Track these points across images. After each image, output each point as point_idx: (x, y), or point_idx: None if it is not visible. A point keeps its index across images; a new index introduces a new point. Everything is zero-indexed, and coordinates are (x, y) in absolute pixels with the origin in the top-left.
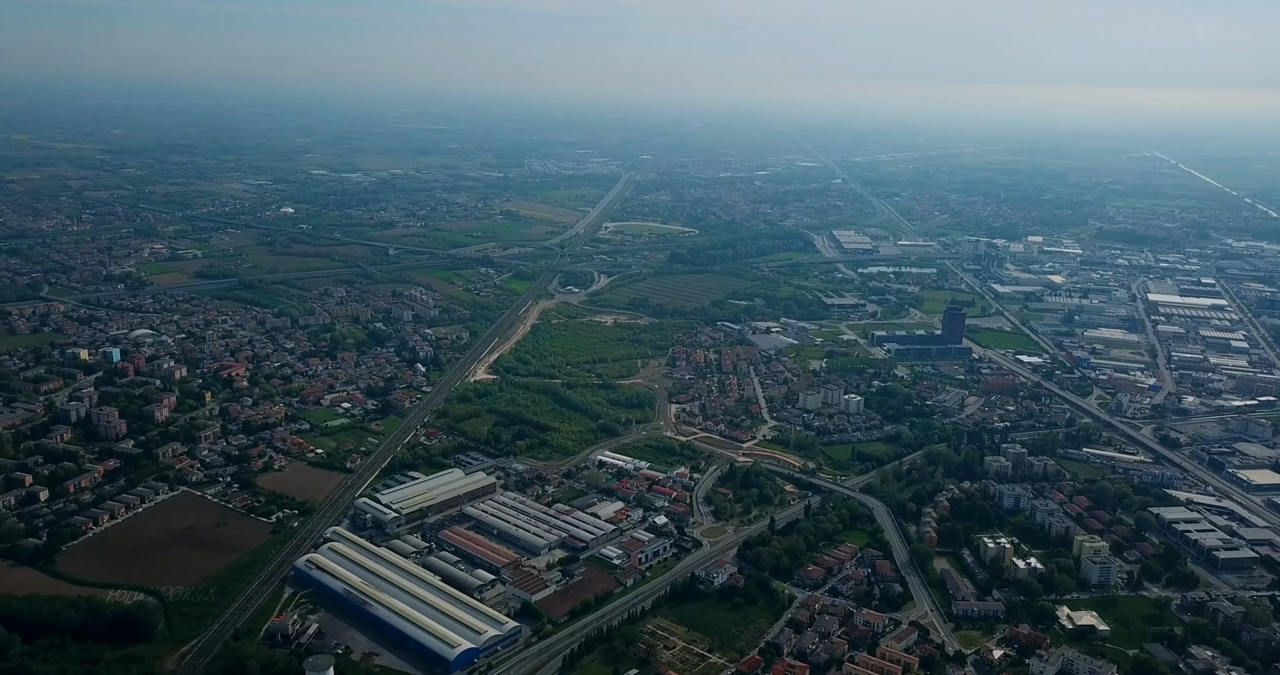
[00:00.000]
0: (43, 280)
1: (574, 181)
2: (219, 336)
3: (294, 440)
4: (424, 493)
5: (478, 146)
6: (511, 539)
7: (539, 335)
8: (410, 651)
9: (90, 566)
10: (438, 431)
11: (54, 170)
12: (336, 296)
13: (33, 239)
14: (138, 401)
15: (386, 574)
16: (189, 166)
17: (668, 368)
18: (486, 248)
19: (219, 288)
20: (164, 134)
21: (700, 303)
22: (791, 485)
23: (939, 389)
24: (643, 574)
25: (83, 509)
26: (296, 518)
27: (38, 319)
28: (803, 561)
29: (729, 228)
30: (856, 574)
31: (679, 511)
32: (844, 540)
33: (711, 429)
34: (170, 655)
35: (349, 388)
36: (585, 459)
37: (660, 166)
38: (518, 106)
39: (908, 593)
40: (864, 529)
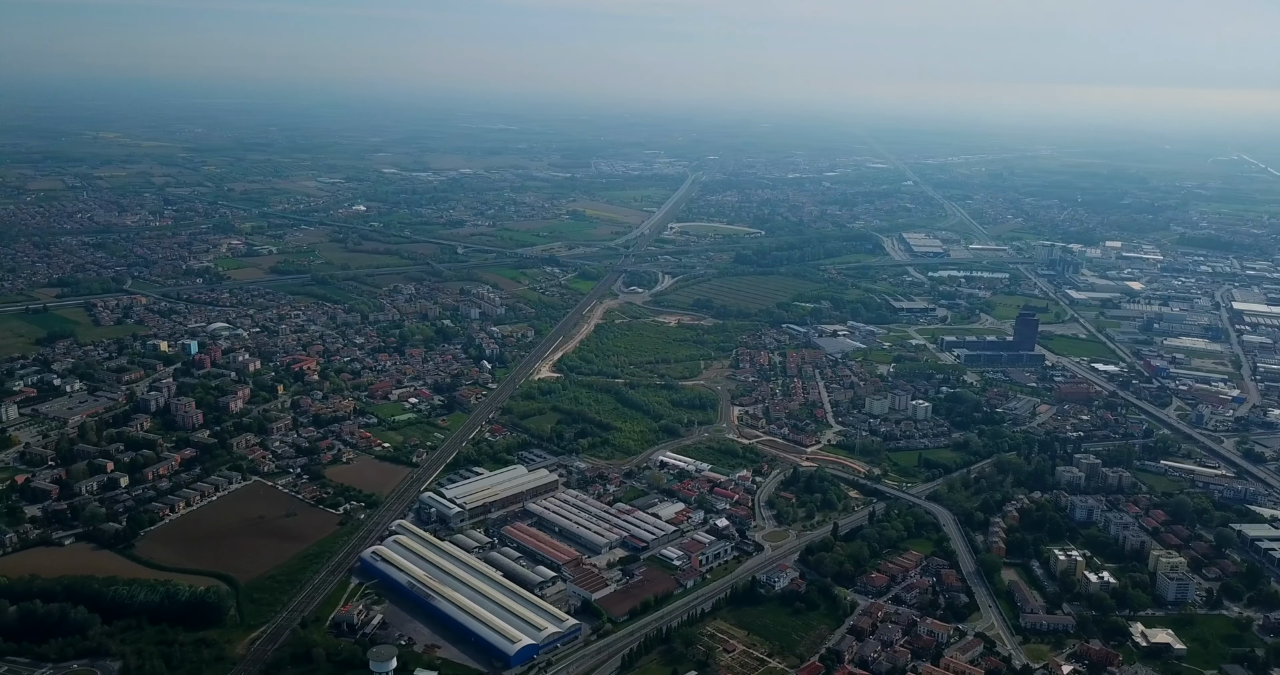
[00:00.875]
0: (126, 274)
1: (640, 182)
2: (292, 331)
3: (362, 434)
4: (487, 488)
5: (546, 147)
6: (573, 537)
7: (602, 335)
8: (471, 645)
9: (166, 552)
10: (502, 428)
11: (139, 167)
12: (406, 293)
13: (118, 234)
14: (213, 393)
15: (449, 568)
16: (266, 164)
17: (731, 370)
18: (553, 247)
19: (293, 283)
20: (243, 133)
21: (765, 304)
22: (856, 491)
23: (1010, 396)
24: (703, 576)
25: (160, 496)
26: (363, 510)
27: (121, 311)
28: (866, 568)
29: (796, 229)
30: (921, 582)
31: (740, 514)
32: (908, 548)
33: (775, 432)
34: (241, 640)
35: (416, 383)
36: (646, 459)
37: (727, 167)
38: (586, 107)
39: (974, 603)
40: (929, 537)
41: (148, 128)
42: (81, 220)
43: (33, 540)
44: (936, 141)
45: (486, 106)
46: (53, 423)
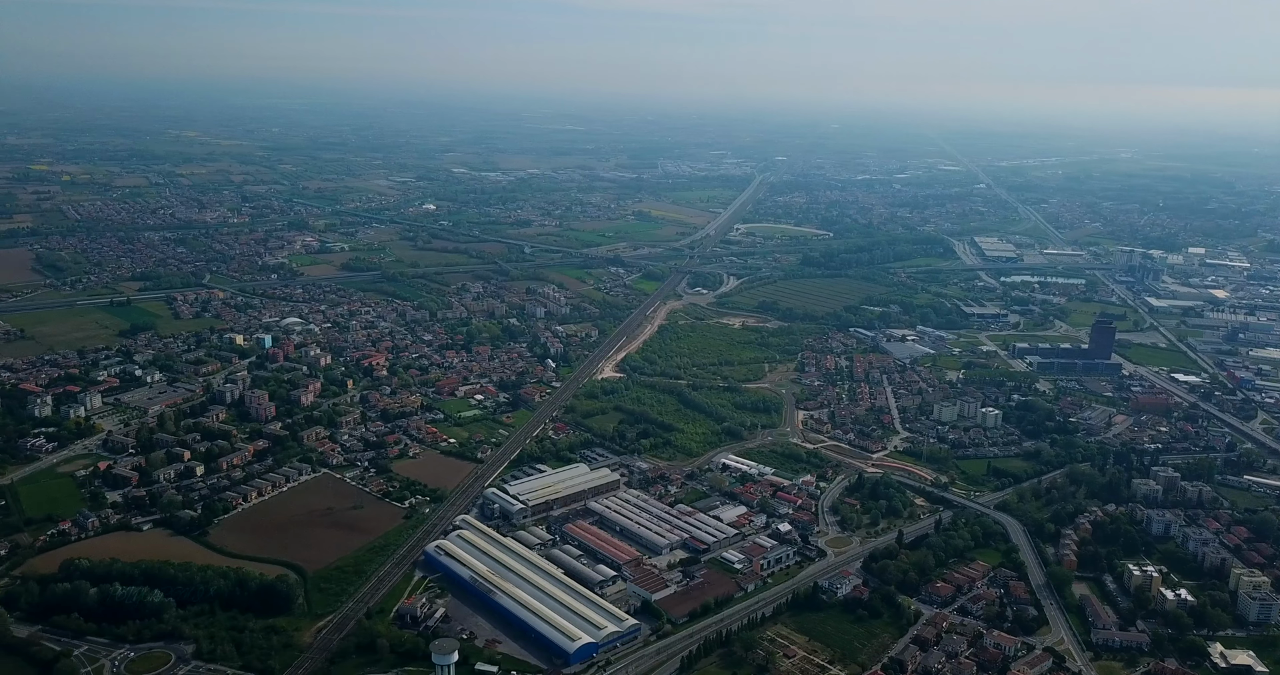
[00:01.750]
0: (205, 269)
1: (706, 182)
2: (362, 327)
3: (429, 429)
4: (550, 486)
5: (613, 147)
6: (633, 536)
7: (666, 335)
8: (531, 641)
9: (238, 540)
10: (565, 426)
11: (219, 165)
12: (473, 292)
13: (198, 230)
14: (286, 386)
15: (511, 564)
16: (339, 163)
17: (796, 373)
18: (618, 247)
19: (363, 280)
20: (318, 132)
21: (832, 307)
22: (922, 499)
23: (1084, 406)
24: (764, 580)
25: (234, 485)
26: (428, 504)
27: (199, 305)
28: (931, 577)
29: (865, 231)
30: (988, 594)
31: (803, 519)
32: (975, 558)
33: (840, 437)
34: (308, 628)
35: (482, 380)
36: (708, 461)
37: (795, 168)
38: (653, 108)
39: (1043, 617)
40: (997, 548)
41: (227, 127)
42: (164, 216)
43: (113, 525)
44: (1010, 144)
45: (554, 107)
46: (133, 412)
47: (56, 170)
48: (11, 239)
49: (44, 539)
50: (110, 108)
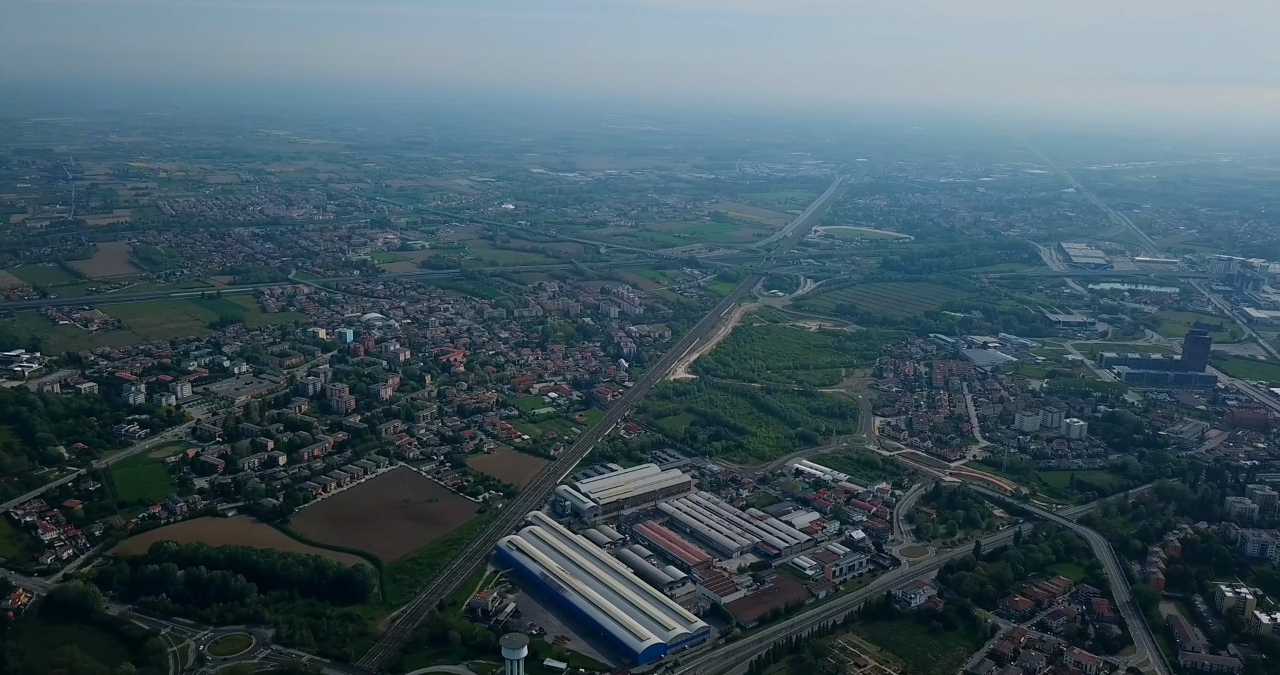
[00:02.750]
0: (291, 264)
1: (785, 184)
2: (441, 323)
3: (503, 425)
4: (621, 485)
5: (690, 148)
6: (704, 539)
7: (740, 338)
8: (600, 639)
9: (318, 528)
10: (637, 426)
11: (306, 164)
12: (549, 291)
13: (285, 226)
14: (366, 380)
15: (582, 561)
16: (422, 163)
17: (873, 378)
18: (693, 248)
19: (443, 277)
20: (402, 132)
21: (912, 312)
22: (1001, 510)
23: (1175, 419)
24: (836, 587)
25: (314, 475)
26: (501, 499)
27: (285, 299)
28: (1009, 591)
29: (947, 235)
30: (1069, 610)
31: (878, 527)
32: (1056, 573)
33: (917, 445)
34: (382, 618)
35: (556, 378)
36: (781, 466)
37: (876, 170)
38: (732, 108)
39: (1127, 636)
40: (1080, 563)
41: (314, 126)
42: (253, 213)
43: (200, 510)
44: (1102, 147)
45: (633, 109)
46: (221, 401)
47: (154, 167)
48: (112, 233)
49: (135, 522)
50: (206, 107)
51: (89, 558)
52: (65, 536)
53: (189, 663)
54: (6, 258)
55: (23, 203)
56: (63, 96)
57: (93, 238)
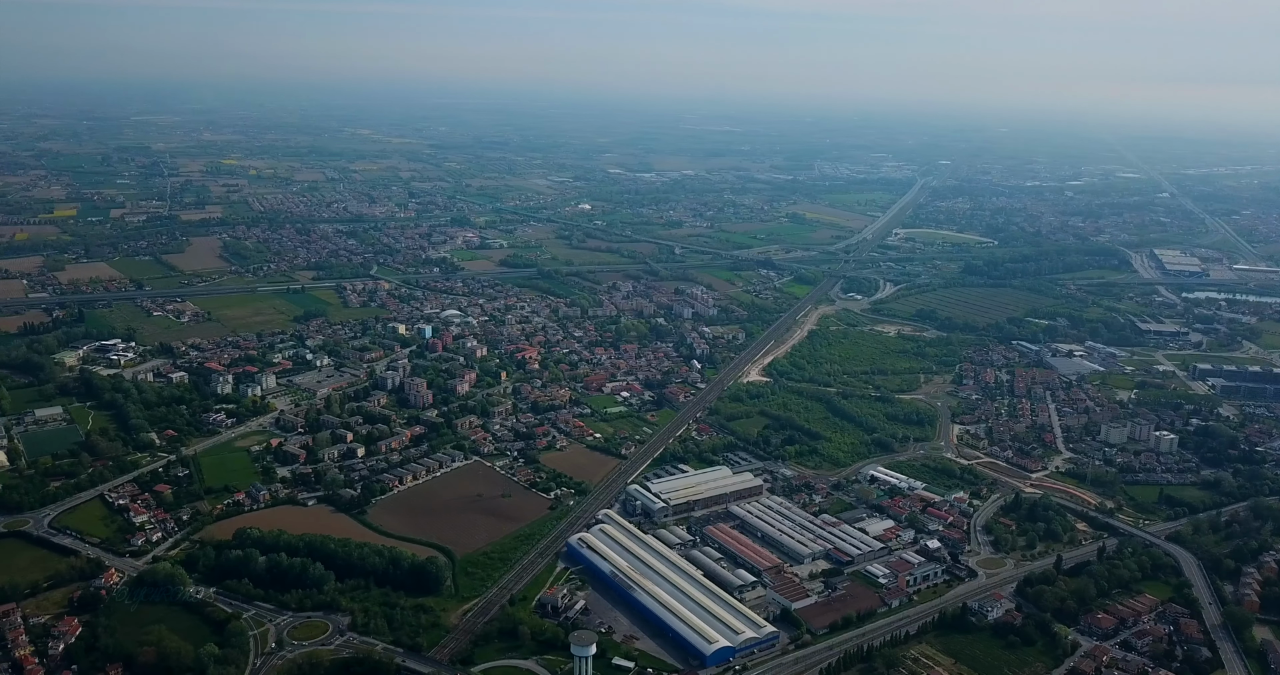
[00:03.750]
0: (373, 260)
1: (865, 185)
2: (517, 321)
3: (576, 423)
4: (692, 487)
5: (769, 149)
6: (775, 543)
7: (816, 341)
8: (668, 640)
9: (394, 520)
10: (708, 428)
11: (389, 162)
12: (623, 290)
13: (368, 223)
14: (443, 375)
15: (651, 562)
16: (501, 162)
17: (953, 385)
18: (769, 250)
19: (519, 276)
20: (482, 131)
21: (994, 318)
22: (1084, 523)
23: (1274, 434)
24: (909, 597)
25: (391, 468)
26: (573, 496)
27: (366, 295)
28: (1091, 607)
29: (1032, 240)
30: (1155, 630)
31: (954, 537)
32: (1142, 590)
33: (997, 454)
34: (454, 610)
35: (629, 378)
36: (856, 472)
37: (959, 172)
38: (812, 109)
39: (1217, 659)
40: (1167, 581)
41: (397, 126)
42: (337, 210)
43: (282, 499)
44: (1199, 150)
45: (712, 109)
46: (303, 393)
47: (244, 165)
48: (204, 228)
49: (221, 508)
50: (294, 107)
51: (176, 541)
52: (155, 520)
53: (268, 646)
54: (106, 251)
55: (122, 198)
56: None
57: (186, 232)
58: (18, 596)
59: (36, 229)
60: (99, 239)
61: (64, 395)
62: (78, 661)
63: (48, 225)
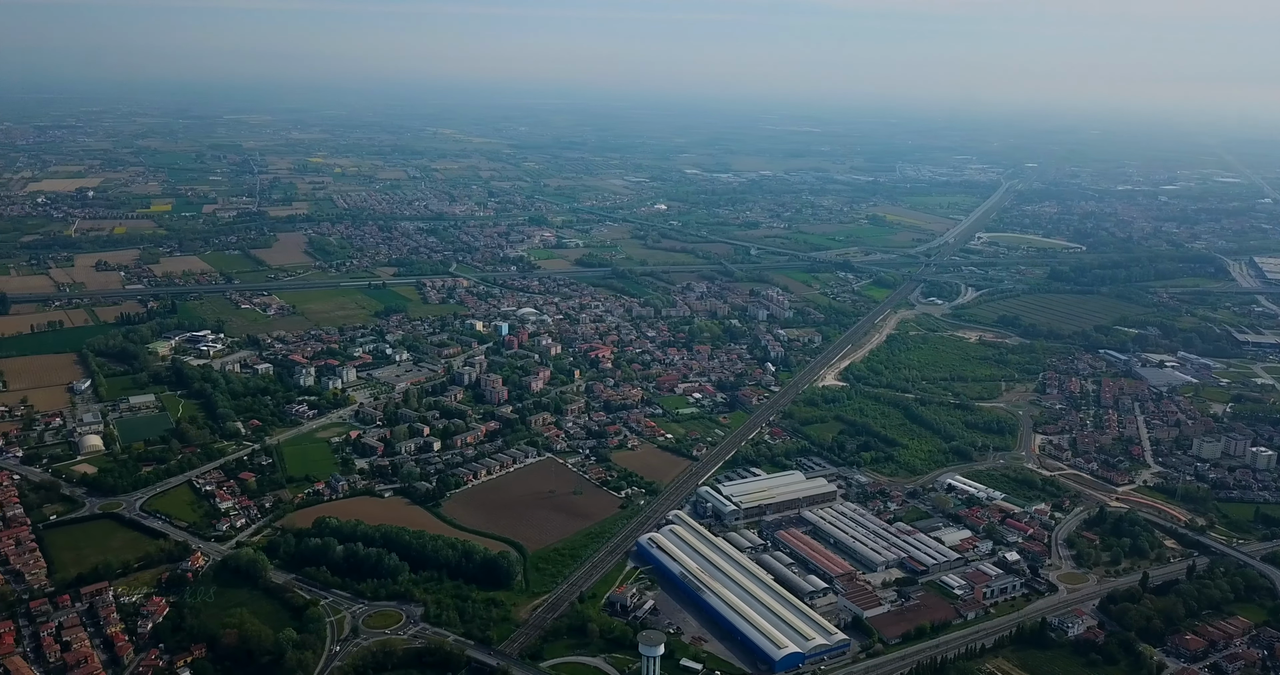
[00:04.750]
0: (452, 258)
1: (948, 188)
2: (591, 320)
3: (647, 423)
4: (764, 491)
5: (849, 150)
6: (848, 550)
7: (894, 346)
8: (737, 644)
9: (467, 513)
10: (782, 432)
11: (469, 162)
12: (697, 291)
13: (448, 221)
14: (518, 372)
15: (721, 564)
16: (579, 162)
17: (1036, 394)
18: (848, 252)
19: (595, 275)
20: (561, 131)
21: (1081, 326)
22: (1173, 540)
23: None
24: (986, 609)
25: (466, 462)
26: (643, 496)
27: (445, 292)
28: (1179, 628)
29: (1123, 246)
30: (1248, 654)
31: (1034, 550)
32: (1234, 613)
33: (1081, 466)
34: (525, 605)
35: (701, 379)
36: (933, 480)
37: (1047, 175)
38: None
39: None
40: (1263, 604)
41: (478, 125)
42: (419, 208)
43: (359, 490)
44: None
45: (792, 110)
46: (382, 387)
47: (330, 163)
48: (290, 224)
49: (301, 497)
50: (378, 106)
51: (259, 528)
52: (239, 506)
53: (344, 633)
54: (198, 245)
55: (214, 194)
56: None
57: (273, 228)
58: (110, 576)
59: (134, 223)
60: (192, 233)
61: (156, 384)
62: (164, 641)
63: (144, 220)
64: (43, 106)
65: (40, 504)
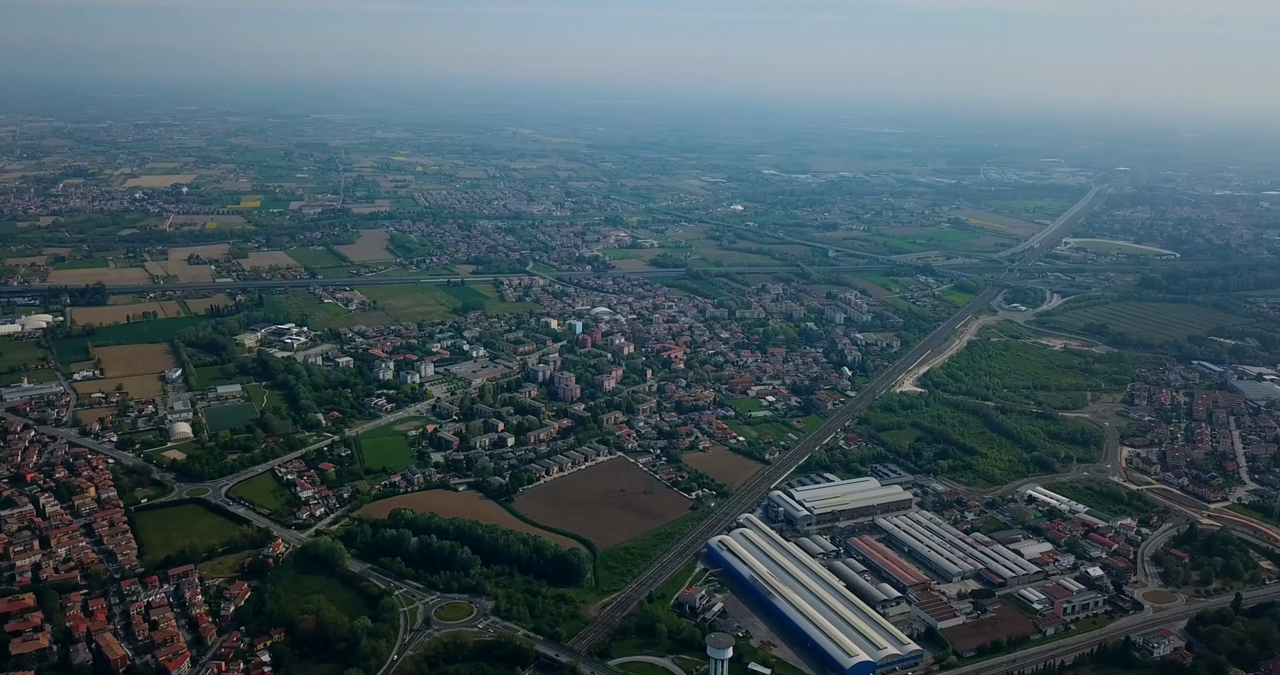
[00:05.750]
0: (529, 257)
1: (1034, 191)
2: (664, 320)
3: (719, 425)
4: (837, 496)
5: (931, 152)
6: (922, 559)
7: (975, 352)
8: (806, 650)
9: (539, 509)
10: (857, 437)
11: (547, 162)
12: (773, 293)
13: (525, 221)
14: (591, 370)
15: (792, 569)
16: (655, 162)
17: (1123, 405)
18: (928, 255)
19: (669, 276)
20: (639, 132)
21: (1173, 336)
22: (1269, 562)
23: None
24: (1066, 625)
25: (539, 458)
26: (714, 498)
27: (522, 290)
28: (1274, 653)
29: (1220, 253)
30: None
31: (1118, 566)
32: None
33: (1170, 481)
34: (594, 602)
35: (775, 382)
36: (1012, 491)
37: (1139, 180)
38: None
39: None
40: None
41: (557, 125)
42: (497, 207)
43: (434, 483)
44: None
45: (873, 110)
46: (459, 382)
47: (412, 161)
48: (372, 221)
49: (378, 488)
50: (460, 106)
51: (337, 517)
52: (319, 496)
53: (417, 623)
54: (284, 240)
55: (300, 191)
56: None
57: (356, 225)
58: (196, 559)
59: (225, 218)
60: (279, 229)
61: (243, 374)
62: (245, 624)
63: (234, 215)
64: (142, 105)
65: (132, 487)
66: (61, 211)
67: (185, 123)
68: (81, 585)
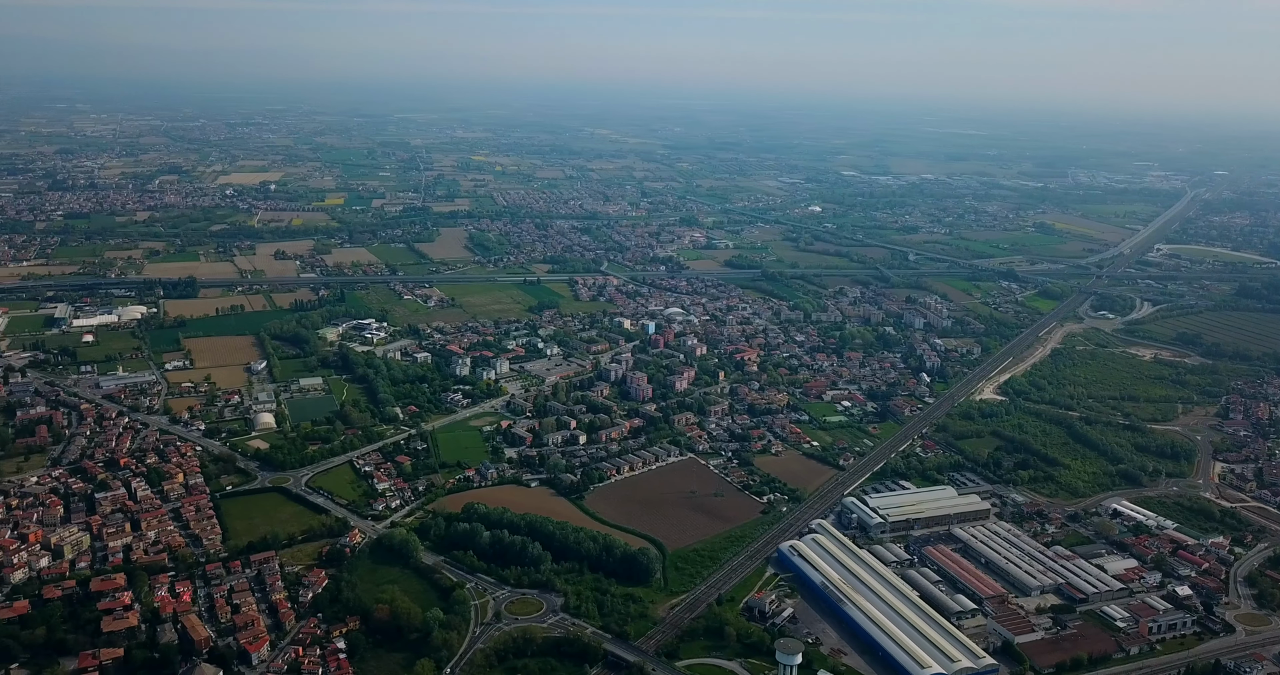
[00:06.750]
0: (604, 257)
1: (1124, 196)
2: (738, 322)
3: (792, 429)
4: (913, 505)
5: (1017, 154)
6: (1000, 572)
7: (1059, 360)
8: (878, 660)
9: (609, 508)
10: (934, 445)
11: (624, 162)
12: (850, 296)
13: (601, 221)
14: (663, 371)
15: (865, 577)
16: (732, 163)
17: (1217, 419)
18: (1012, 260)
19: (743, 277)
20: (716, 132)
21: (1272, 347)
22: None
23: None
24: (1151, 645)
25: (610, 457)
26: (786, 502)
27: (596, 289)
28: None
29: None
30: None
31: (1208, 586)
32: None
33: (1267, 499)
34: (663, 603)
35: (851, 387)
36: (1096, 504)
37: (1239, 184)
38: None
39: None
40: None
41: (634, 126)
42: (573, 207)
43: (507, 478)
44: None
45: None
46: (533, 380)
47: (491, 161)
48: (453, 219)
49: (453, 482)
50: (540, 107)
51: (412, 509)
52: (395, 488)
53: (488, 617)
54: (366, 237)
55: (382, 189)
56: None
57: (436, 223)
58: (277, 546)
59: (310, 215)
60: (361, 226)
61: (324, 367)
62: (322, 610)
63: (319, 212)
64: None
65: (218, 475)
66: (157, 207)
67: (274, 122)
68: (169, 567)
